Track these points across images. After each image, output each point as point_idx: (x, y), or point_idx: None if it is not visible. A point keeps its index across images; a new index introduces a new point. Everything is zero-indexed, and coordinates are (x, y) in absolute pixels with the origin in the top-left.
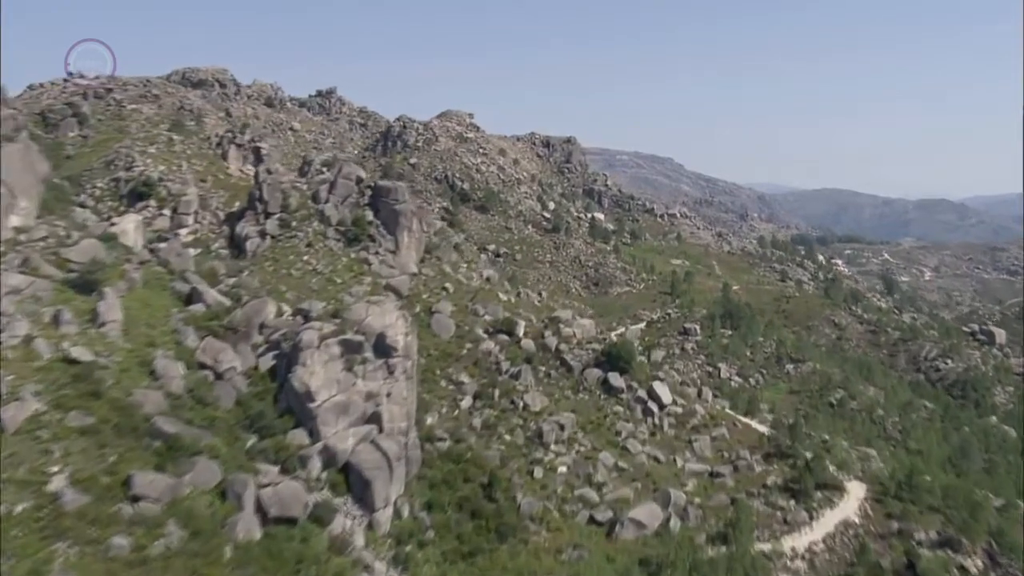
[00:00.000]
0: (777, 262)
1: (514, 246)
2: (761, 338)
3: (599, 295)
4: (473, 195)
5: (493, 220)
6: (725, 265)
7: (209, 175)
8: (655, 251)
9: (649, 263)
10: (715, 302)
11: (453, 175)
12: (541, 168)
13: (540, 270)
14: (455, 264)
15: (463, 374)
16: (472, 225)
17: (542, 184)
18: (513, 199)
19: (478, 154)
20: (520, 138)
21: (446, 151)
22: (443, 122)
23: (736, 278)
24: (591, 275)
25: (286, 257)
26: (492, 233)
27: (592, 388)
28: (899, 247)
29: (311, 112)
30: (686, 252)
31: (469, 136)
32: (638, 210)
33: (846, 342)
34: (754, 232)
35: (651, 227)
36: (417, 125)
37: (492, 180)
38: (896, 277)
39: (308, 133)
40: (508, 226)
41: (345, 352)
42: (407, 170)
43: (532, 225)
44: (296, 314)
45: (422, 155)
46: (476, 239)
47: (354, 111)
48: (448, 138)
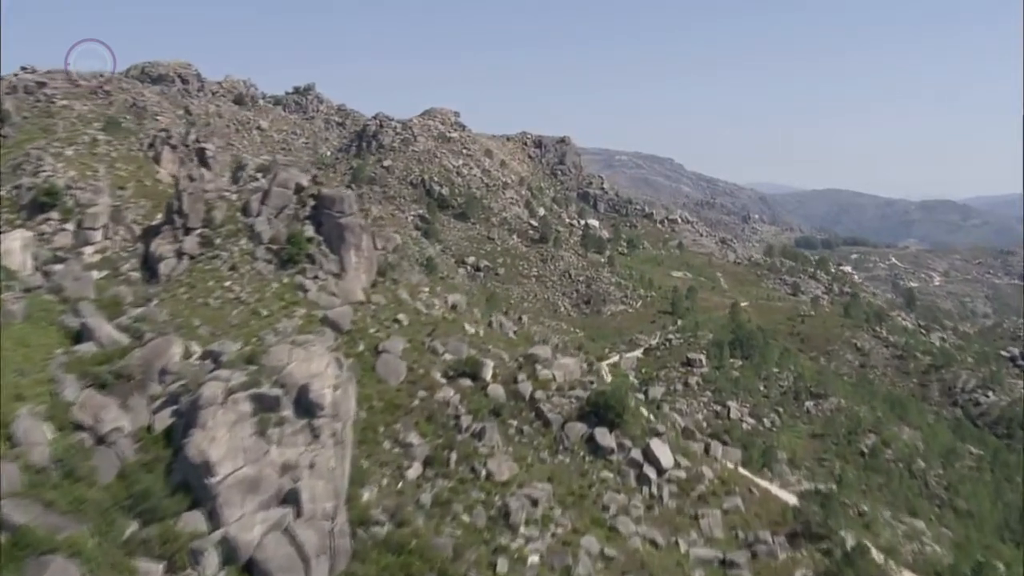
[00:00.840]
0: (788, 273)
1: (496, 259)
2: (776, 368)
3: (591, 315)
4: (453, 201)
5: (474, 229)
6: (731, 277)
7: (134, 181)
8: (654, 262)
9: (647, 277)
10: (722, 326)
11: (431, 179)
12: (532, 170)
13: (525, 286)
14: (414, 289)
15: (412, 432)
16: (450, 235)
17: (531, 188)
18: (497, 205)
19: (461, 155)
20: (510, 138)
21: (425, 152)
22: (425, 121)
23: (743, 292)
24: (582, 292)
25: (204, 282)
26: (472, 244)
27: (574, 448)
28: (906, 250)
29: (286, 110)
30: (688, 262)
31: (452, 136)
32: (636, 215)
33: (871, 370)
34: (756, 235)
35: (650, 234)
36: (395, 124)
37: (475, 184)
38: (905, 283)
39: (278, 132)
40: (491, 236)
41: (257, 410)
42: (379, 174)
43: (517, 235)
44: (205, 357)
45: (398, 157)
46: (454, 251)
47: (332, 109)
48: (428, 138)
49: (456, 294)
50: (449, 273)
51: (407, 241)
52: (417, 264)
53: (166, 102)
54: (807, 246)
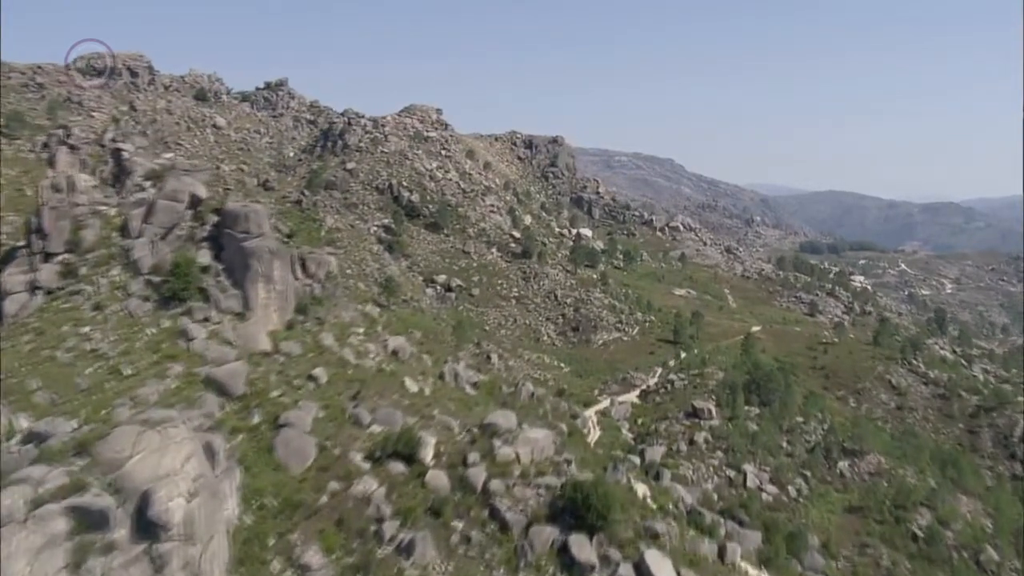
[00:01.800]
0: (803, 289)
1: (471, 277)
2: (800, 418)
3: (579, 344)
4: (424, 209)
5: (447, 241)
6: (739, 293)
7: (12, 189)
8: (654, 277)
9: (645, 298)
10: (734, 364)
11: (399, 184)
12: (522, 172)
13: (503, 310)
14: (344, 330)
15: (313, 547)
16: (419, 248)
17: (518, 193)
18: (475, 214)
19: (438, 157)
20: (499, 137)
21: (396, 154)
22: (402, 119)
23: (755, 312)
24: (569, 316)
25: (57, 327)
26: (444, 259)
27: (542, 563)
28: (915, 256)
29: (255, 107)
30: (692, 277)
31: (430, 135)
32: (635, 222)
33: (910, 413)
34: (760, 239)
35: (650, 243)
36: (365, 122)
37: (450, 189)
38: (917, 291)
39: (237, 131)
40: (466, 249)
41: (76, 530)
42: (341, 177)
43: (497, 248)
44: (29, 440)
45: (364, 158)
46: (423, 267)
47: (304, 106)
48: (402, 138)
49: (400, 337)
50: (413, 295)
51: (365, 257)
52: (375, 285)
53: (109, 96)
54: (813, 251)
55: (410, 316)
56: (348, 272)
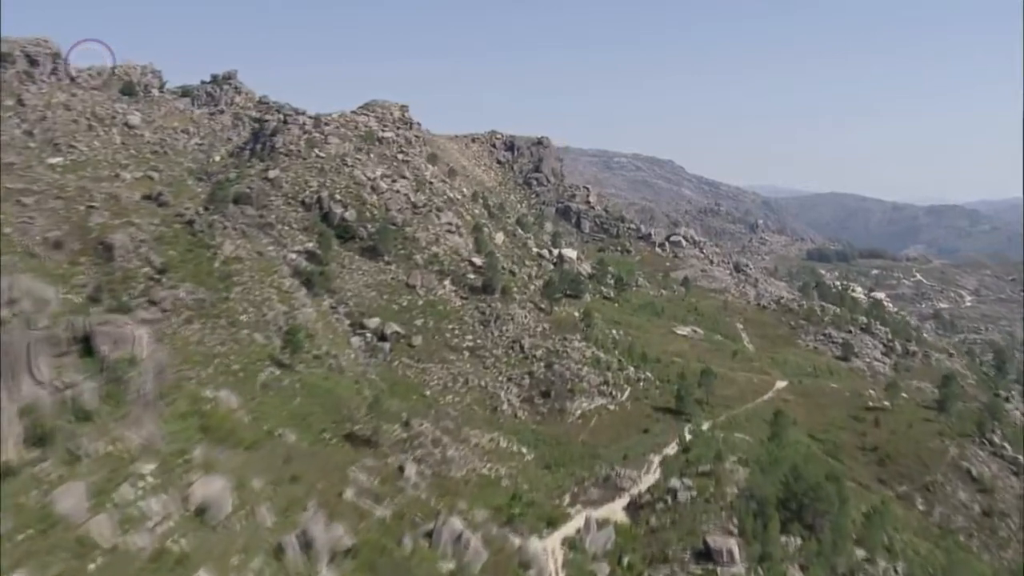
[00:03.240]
0: (833, 324)
1: (414, 320)
2: (862, 552)
3: (549, 416)
4: (360, 229)
5: (387, 272)
6: (755, 329)
7: None
8: (651, 309)
9: (640, 344)
10: (762, 462)
11: (331, 197)
12: (501, 179)
13: (452, 366)
14: (116, 472)
15: None
16: (349, 281)
17: (490, 205)
18: (427, 234)
19: (390, 162)
20: (476, 138)
21: (334, 159)
22: (355, 116)
23: (777, 356)
24: (539, 376)
25: None
26: (381, 296)
27: None
28: (930, 265)
29: (196, 103)
30: (697, 308)
31: (386, 135)
32: (630, 236)
33: (1002, 521)
34: (765, 246)
35: (647, 261)
36: (304, 120)
37: (397, 204)
38: (934, 303)
39: (157, 131)
40: (411, 282)
41: None
42: (258, 189)
43: (452, 280)
44: None
45: (293, 165)
46: (352, 307)
47: (250, 102)
48: (349, 139)
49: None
50: (332, 347)
51: (270, 297)
52: (277, 335)
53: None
54: (821, 259)
55: (320, 380)
56: (241, 320)
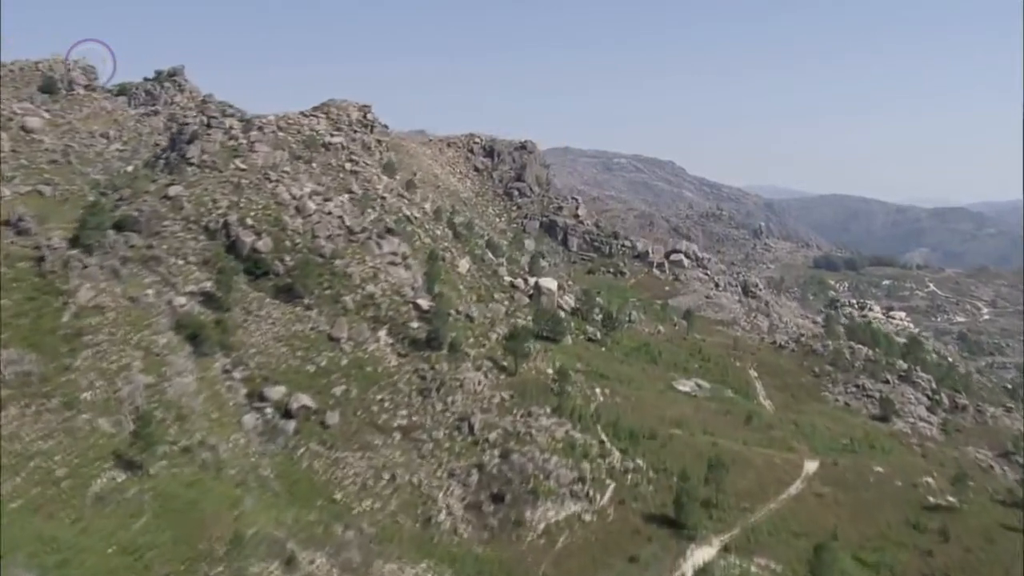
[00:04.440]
0: (865, 371)
1: (332, 387)
2: None
3: (501, 533)
4: (276, 263)
5: (306, 319)
6: (772, 377)
7: None
8: (647, 354)
9: (628, 414)
10: None
11: (242, 221)
12: (478, 189)
13: (376, 455)
14: None
15: None
16: (254, 334)
17: (455, 224)
18: (364, 268)
19: (334, 174)
20: (452, 142)
21: (255, 171)
22: (299, 119)
23: (800, 415)
24: (491, 470)
25: None
26: (294, 354)
27: None
28: (943, 274)
29: (134, 102)
30: (702, 351)
31: (333, 141)
32: (624, 255)
33: None
34: (770, 253)
35: (644, 285)
36: (231, 123)
37: (327, 229)
38: (951, 316)
39: (66, 137)
40: (335, 333)
41: None
42: (149, 212)
43: (390, 329)
44: None
45: (203, 179)
46: (253, 370)
47: (193, 101)
48: (282, 146)
49: None
50: (213, 428)
51: (129, 363)
52: (131, 420)
53: None
54: (828, 267)
55: (183, 487)
56: (82, 399)
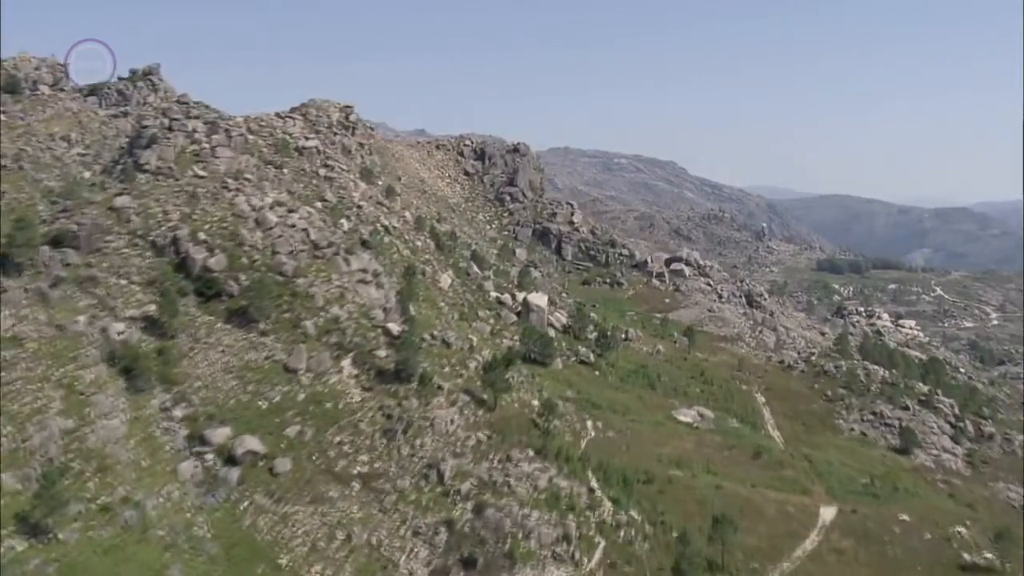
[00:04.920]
0: (882, 395)
1: (286, 426)
2: None
3: None
4: (230, 283)
5: (261, 347)
6: (782, 402)
7: None
8: (644, 378)
9: (623, 452)
10: None
11: (193, 236)
12: (468, 194)
13: (331, 509)
14: None
15: None
16: (201, 365)
17: (439, 234)
18: (328, 288)
19: (307, 181)
20: (441, 145)
21: (213, 180)
22: (272, 121)
23: (814, 448)
24: (462, 530)
25: None
26: (245, 387)
27: None
28: (950, 277)
29: (105, 103)
30: (705, 374)
31: (307, 144)
32: (622, 264)
33: None
34: (773, 255)
35: (642, 297)
36: (195, 125)
37: (289, 244)
38: (959, 321)
39: (20, 140)
40: (292, 365)
41: None
42: (89, 226)
43: (355, 359)
44: None
45: (155, 189)
46: (199, 407)
47: (167, 103)
48: (255, 149)
49: None
50: (134, 489)
51: (46, 404)
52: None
53: None
54: (832, 270)
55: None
56: None
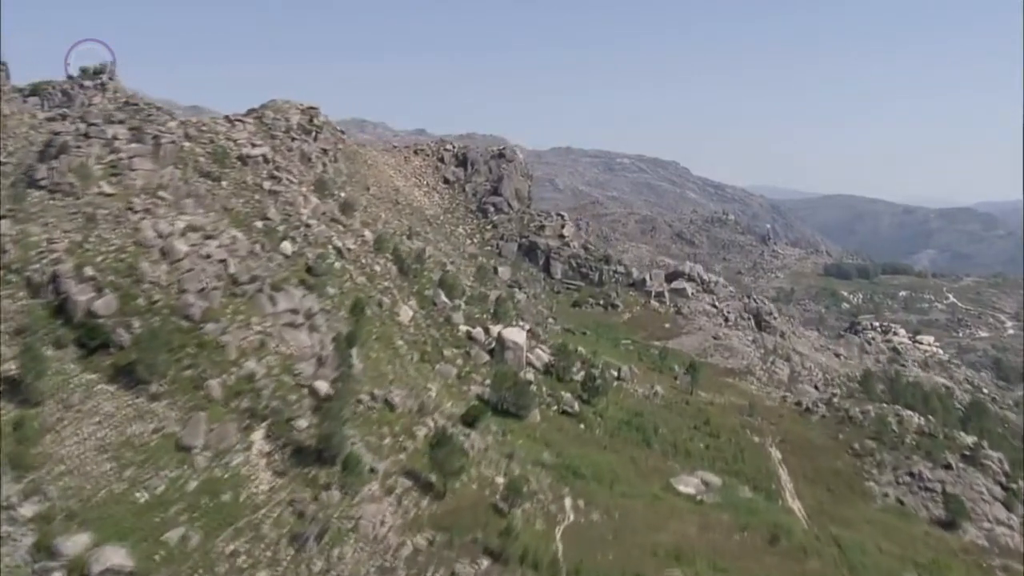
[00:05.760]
0: (920, 451)
1: (167, 527)
2: None
3: None
4: (119, 332)
5: (150, 417)
6: (800, 458)
7: None
8: (639, 436)
9: (606, 543)
10: None
11: (78, 272)
12: (447, 205)
13: None
14: None
15: None
16: (71, 442)
17: (402, 258)
18: (244, 337)
19: (248, 196)
20: (420, 150)
21: (125, 196)
22: (217, 124)
23: (842, 527)
24: None
25: None
26: (121, 472)
27: None
28: (963, 283)
29: (48, 104)
30: (710, 423)
31: (254, 153)
32: (616, 283)
33: None
34: (778, 260)
35: (639, 321)
36: (113, 133)
37: (201, 280)
38: (974, 331)
39: None
40: (187, 440)
41: None
42: None
43: (269, 431)
44: None
45: (48, 210)
46: (57, 502)
47: (115, 103)
48: (188, 159)
49: None
50: None
51: None
52: None
53: None
54: (839, 275)
55: None
56: None
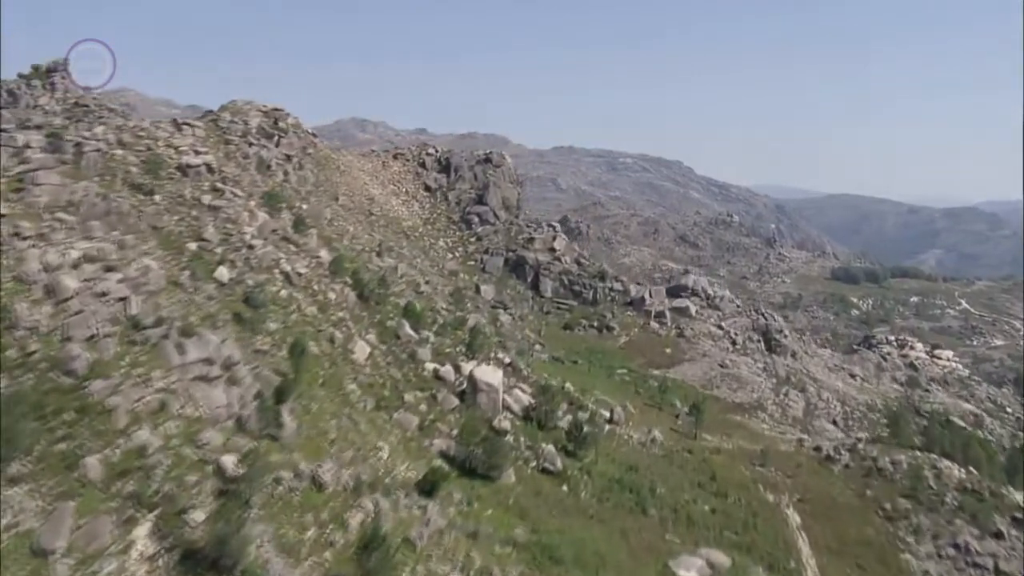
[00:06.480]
0: (964, 513)
1: None
2: None
3: None
4: None
5: (9, 508)
6: (824, 522)
7: None
8: (633, 500)
9: None
10: None
11: None
12: (428, 215)
13: None
14: None
15: None
16: None
17: (363, 283)
18: (141, 396)
19: (184, 213)
20: (400, 154)
21: (17, 217)
22: (157, 129)
23: None
24: None
25: None
26: None
27: None
28: (975, 287)
29: None
30: (717, 478)
31: (194, 162)
32: (612, 303)
33: None
34: (784, 263)
35: (638, 347)
36: (25, 140)
37: (92, 325)
38: (989, 339)
39: None
40: (44, 541)
41: None
42: None
43: (157, 525)
44: None
45: None
46: None
47: (63, 104)
48: (118, 168)
49: None
50: None
51: None
52: None
53: None
54: (847, 279)
55: None
56: None
